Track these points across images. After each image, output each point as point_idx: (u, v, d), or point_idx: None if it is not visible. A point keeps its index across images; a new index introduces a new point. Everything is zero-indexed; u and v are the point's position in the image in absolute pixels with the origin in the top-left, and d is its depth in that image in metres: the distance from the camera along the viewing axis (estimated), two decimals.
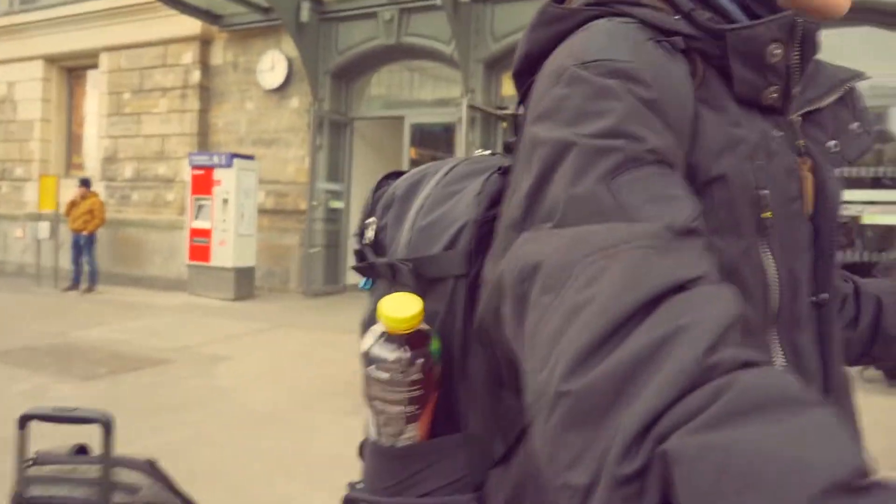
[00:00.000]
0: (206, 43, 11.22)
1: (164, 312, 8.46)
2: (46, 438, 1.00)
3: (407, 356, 0.68)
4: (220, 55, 11.19)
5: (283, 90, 10.56)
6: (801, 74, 0.68)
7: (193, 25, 10.93)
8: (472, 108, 8.75)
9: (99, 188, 11.44)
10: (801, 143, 0.70)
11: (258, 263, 10.14)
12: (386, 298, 0.70)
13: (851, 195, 7.24)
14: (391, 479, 0.72)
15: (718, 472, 0.35)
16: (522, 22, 6.66)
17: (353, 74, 10.38)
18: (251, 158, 10.07)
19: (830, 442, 0.35)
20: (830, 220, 0.71)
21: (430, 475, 0.71)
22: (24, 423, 0.90)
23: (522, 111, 0.67)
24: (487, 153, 0.86)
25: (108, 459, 0.90)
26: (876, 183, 7.21)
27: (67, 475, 0.91)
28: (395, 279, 0.75)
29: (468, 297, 0.70)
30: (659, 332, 0.43)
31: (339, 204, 10.65)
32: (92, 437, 0.96)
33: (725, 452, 0.35)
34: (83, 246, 10.27)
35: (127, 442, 1.13)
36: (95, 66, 12.32)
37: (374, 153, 11.12)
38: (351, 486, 0.76)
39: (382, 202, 0.83)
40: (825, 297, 0.71)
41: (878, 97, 7.05)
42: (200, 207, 9.91)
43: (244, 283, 9.75)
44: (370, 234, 0.81)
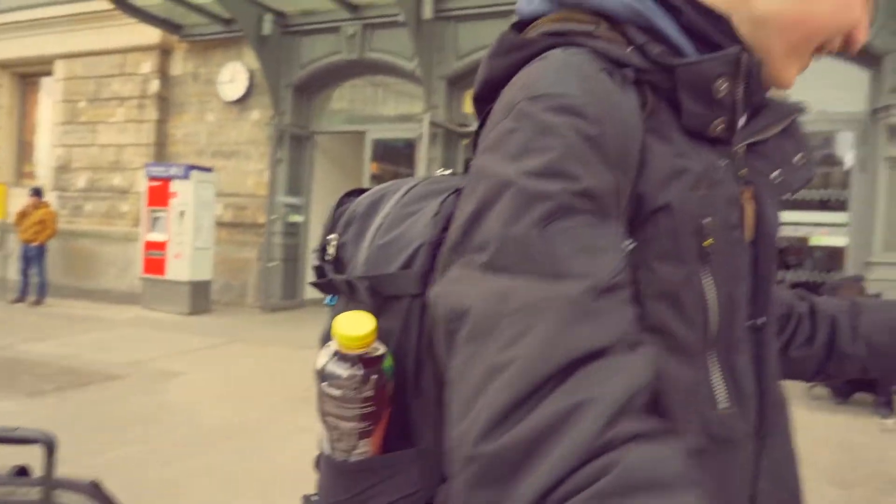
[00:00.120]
0: (165, 52, 11.07)
1: (115, 326, 8.25)
2: None
3: (360, 374, 0.69)
4: (179, 65, 11.06)
5: (243, 102, 10.46)
6: (745, 108, 0.71)
7: (153, 35, 10.79)
8: (433, 124, 8.79)
9: (51, 198, 11.15)
10: (743, 172, 0.73)
11: (215, 277, 9.98)
12: (340, 317, 0.71)
13: (800, 217, 7.46)
14: (345, 493, 0.73)
15: None
16: (485, 40, 6.76)
17: (315, 88, 10.35)
18: (209, 170, 9.93)
19: None
20: (769, 247, 0.74)
21: (383, 489, 0.71)
22: None
23: (478, 137, 0.69)
24: (448, 173, 0.87)
25: (49, 481, 0.87)
26: (823, 205, 7.45)
27: (5, 498, 0.87)
28: (352, 296, 0.76)
29: (422, 315, 0.71)
30: (565, 403, 0.47)
31: (298, 218, 10.56)
32: (34, 457, 0.92)
33: None
34: (32, 257, 9.97)
35: (73, 461, 1.09)
36: (50, 73, 12.06)
37: (334, 167, 11.08)
38: (306, 498, 0.77)
39: (344, 219, 0.84)
40: (763, 321, 0.74)
41: (826, 122, 7.29)
42: (156, 219, 9.72)
43: (200, 296, 9.58)
44: (331, 250, 0.82)
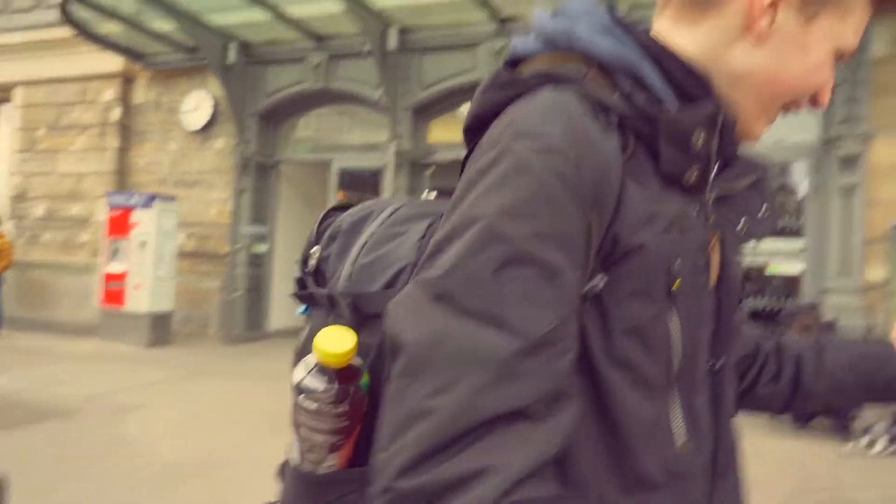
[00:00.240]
0: (128, 81, 10.96)
1: (72, 359, 8.03)
2: None
3: (336, 389, 0.71)
4: (142, 93, 10.95)
5: (207, 131, 10.39)
6: (718, 159, 0.75)
7: (115, 62, 10.69)
8: (399, 153, 8.84)
9: (7, 227, 10.87)
10: (712, 220, 0.76)
11: (176, 308, 9.78)
12: (322, 332, 0.72)
13: (759, 245, 7.62)
14: (308, 503, 0.75)
15: None
16: (449, 71, 6.85)
17: (280, 117, 10.33)
18: (172, 199, 9.80)
19: None
20: (731, 293, 0.79)
21: (347, 503, 0.73)
22: None
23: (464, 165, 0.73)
24: (433, 196, 0.89)
25: None
26: (780, 233, 7.63)
27: None
28: (332, 310, 0.78)
29: None
30: (473, 465, 0.55)
31: (262, 248, 10.45)
32: None
33: None
34: None
35: (27, 499, 1.06)
36: (8, 99, 11.84)
37: (300, 196, 11.02)
38: None
39: (328, 233, 0.86)
40: (721, 363, 0.78)
41: (781, 152, 7.50)
42: (116, 249, 9.53)
43: (160, 328, 9.38)
44: (313, 262, 0.85)
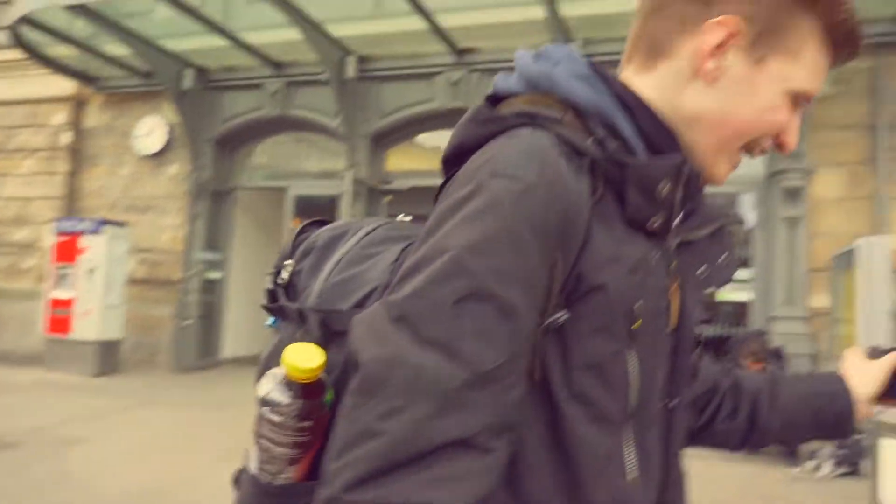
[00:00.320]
0: (80, 104, 10.77)
1: (14, 390, 7.74)
2: None
3: (301, 403, 0.72)
4: (94, 117, 10.76)
5: (161, 156, 10.24)
6: (682, 208, 0.79)
7: (67, 86, 10.51)
8: (356, 181, 8.83)
9: None
10: (673, 266, 0.80)
11: (125, 336, 9.54)
12: (291, 347, 0.73)
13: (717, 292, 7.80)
14: None
15: None
16: (407, 100, 6.90)
17: (236, 143, 10.25)
18: (123, 225, 9.60)
19: None
20: (688, 336, 0.82)
21: None
22: None
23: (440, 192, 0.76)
24: (409, 220, 0.92)
25: None
26: None
27: None
28: (302, 325, 0.79)
29: None
30: (415, 497, 0.59)
31: (216, 274, 10.28)
32: None
33: None
34: None
35: None
36: None
37: (255, 223, 10.92)
38: None
39: (303, 248, 0.87)
40: (675, 402, 0.81)
41: (729, 184, 7.70)
42: (63, 276, 9.27)
43: (108, 357, 9.11)
44: (285, 275, 0.86)
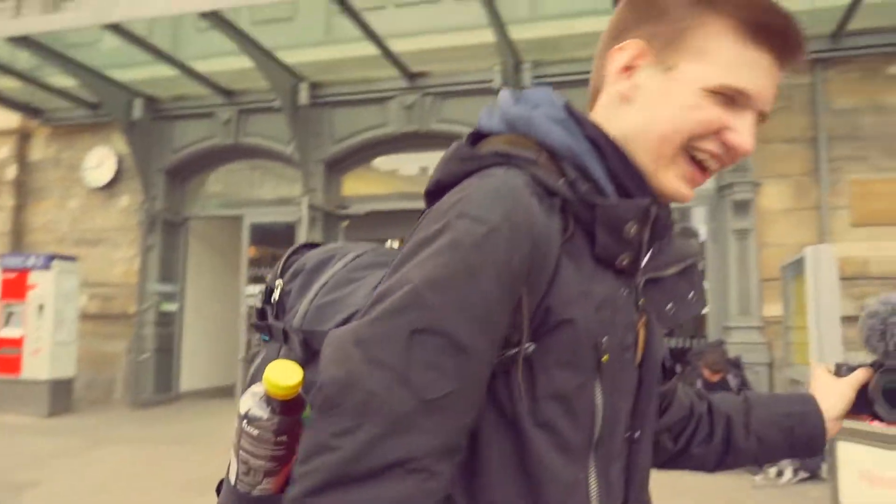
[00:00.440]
0: (25, 137, 10.50)
1: None
2: None
3: (279, 419, 0.75)
4: (40, 150, 10.50)
5: (111, 188, 10.03)
6: (649, 248, 0.83)
7: (11, 119, 10.25)
8: (312, 207, 8.78)
9: None
10: (642, 302, 0.83)
11: (78, 373, 9.25)
12: (272, 364, 0.76)
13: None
14: None
15: None
16: (361, 125, 6.92)
17: (188, 173, 10.11)
18: (73, 259, 9.36)
19: None
20: (652, 370, 0.85)
21: None
22: None
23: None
24: (396, 247, 0.93)
25: None
26: None
27: None
28: (285, 343, 0.83)
29: None
30: None
31: (172, 306, 10.07)
32: None
33: None
34: None
35: None
36: None
37: (211, 252, 10.75)
38: None
39: (293, 269, 0.91)
40: (638, 434, 0.83)
41: None
42: (11, 314, 8.97)
43: (61, 396, 8.82)
44: (276, 295, 0.90)
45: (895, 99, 7.23)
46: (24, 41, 7.83)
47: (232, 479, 0.79)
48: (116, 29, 7.56)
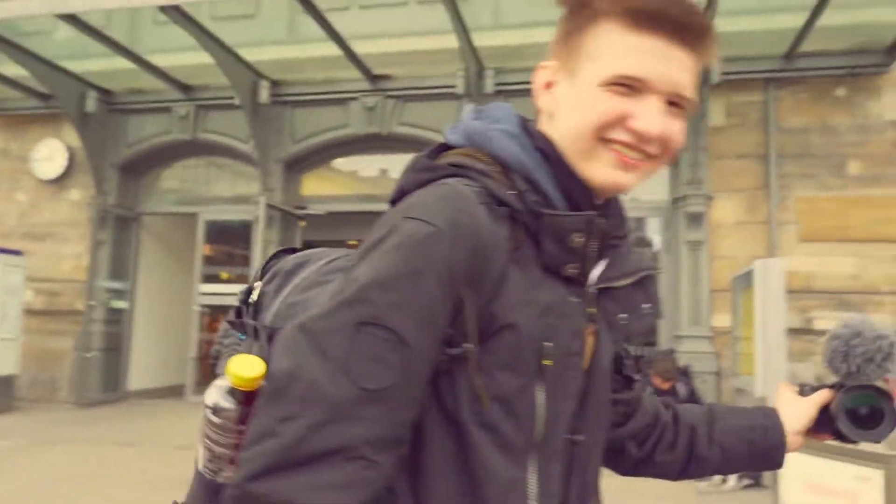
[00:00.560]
0: None
1: None
2: None
3: (241, 409, 0.78)
4: None
5: (61, 181, 9.76)
6: (600, 259, 0.86)
7: None
8: (270, 206, 8.69)
9: None
10: (592, 311, 0.86)
11: (21, 370, 8.97)
12: (235, 358, 0.79)
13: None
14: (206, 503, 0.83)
15: None
16: (322, 126, 6.88)
17: (143, 168, 9.89)
18: (18, 254, 9.07)
19: None
20: (599, 377, 0.88)
21: None
22: None
23: None
24: None
25: None
26: None
27: None
28: (256, 339, 0.85)
29: None
30: (298, 498, 0.67)
31: (122, 304, 9.84)
32: None
33: None
34: None
35: None
36: None
37: (164, 249, 10.55)
38: None
39: (272, 272, 0.94)
40: (581, 438, 0.85)
41: (637, 209, 8.04)
42: None
43: (2, 394, 8.53)
44: (254, 295, 0.93)
45: (842, 120, 7.50)
46: None
47: (199, 465, 0.83)
48: (72, 19, 7.37)
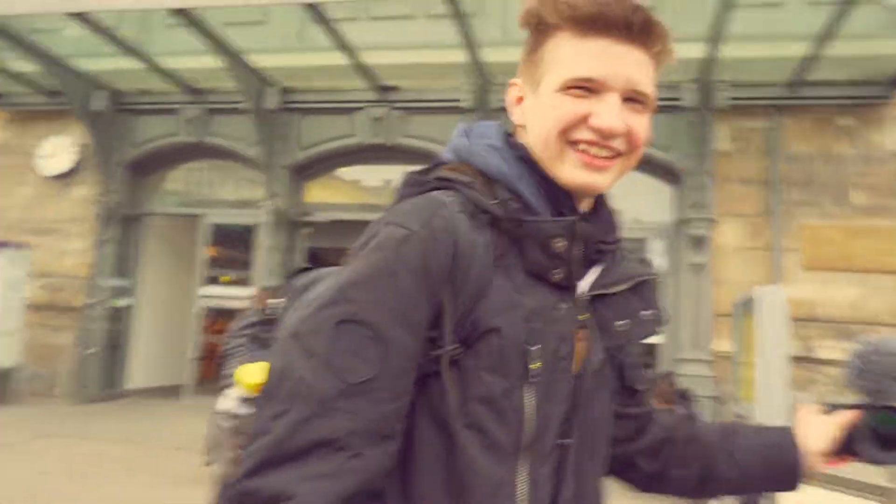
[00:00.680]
0: None
1: None
2: None
3: (249, 412, 0.82)
4: None
5: (67, 178, 9.79)
6: (590, 265, 0.90)
7: None
8: (275, 212, 8.70)
9: None
10: (584, 317, 0.88)
11: (22, 364, 9.01)
12: (244, 366, 0.85)
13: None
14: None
15: None
16: (328, 134, 6.89)
17: (149, 168, 9.91)
18: (22, 247, 9.11)
19: None
20: (588, 381, 0.89)
21: None
22: None
23: None
24: None
25: None
26: None
27: None
28: (264, 349, 0.91)
29: None
30: (288, 487, 0.70)
31: (124, 302, 9.87)
32: None
33: None
34: None
35: None
36: None
37: (167, 250, 10.57)
38: None
39: (294, 289, 1.00)
40: (570, 441, 0.87)
41: (639, 230, 8.03)
42: None
43: (2, 386, 8.59)
44: (279, 311, 0.99)
45: (846, 149, 7.47)
46: None
47: (219, 470, 0.88)
48: (83, 18, 7.40)
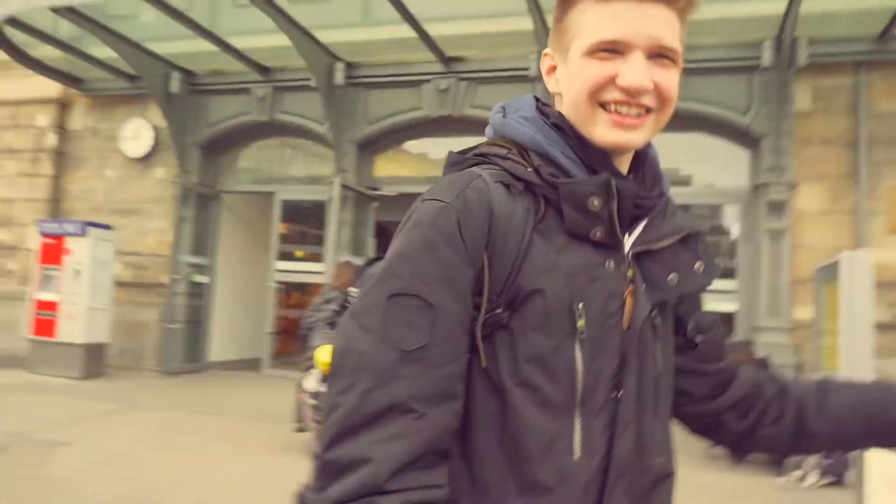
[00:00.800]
0: (64, 106, 10.71)
1: None
2: None
3: (326, 390, 0.85)
4: (79, 119, 10.70)
5: (147, 159, 10.20)
6: (632, 222, 0.90)
7: (51, 87, 10.45)
8: (344, 187, 8.84)
9: None
10: (630, 273, 0.89)
11: (111, 339, 9.50)
12: (321, 348, 0.97)
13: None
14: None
15: None
16: (395, 108, 6.93)
17: (222, 148, 10.23)
18: (108, 228, 9.56)
19: None
20: (636, 336, 0.90)
21: None
22: None
23: None
24: None
25: None
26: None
27: None
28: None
29: None
30: (362, 452, 0.76)
31: (203, 278, 10.25)
32: None
33: None
34: None
35: None
36: None
37: (242, 227, 10.90)
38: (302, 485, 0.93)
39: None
40: (621, 394, 0.88)
41: (713, 196, 7.80)
42: (48, 278, 9.22)
43: (94, 360, 9.07)
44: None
45: None
46: (67, 11, 7.92)
47: (309, 445, 0.91)
48: (157, 2, 7.64)
